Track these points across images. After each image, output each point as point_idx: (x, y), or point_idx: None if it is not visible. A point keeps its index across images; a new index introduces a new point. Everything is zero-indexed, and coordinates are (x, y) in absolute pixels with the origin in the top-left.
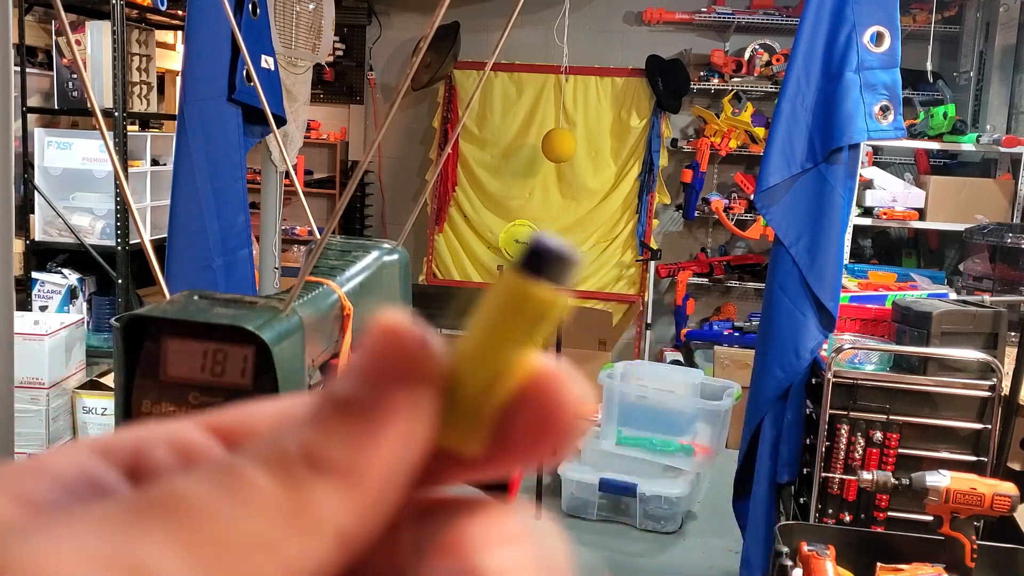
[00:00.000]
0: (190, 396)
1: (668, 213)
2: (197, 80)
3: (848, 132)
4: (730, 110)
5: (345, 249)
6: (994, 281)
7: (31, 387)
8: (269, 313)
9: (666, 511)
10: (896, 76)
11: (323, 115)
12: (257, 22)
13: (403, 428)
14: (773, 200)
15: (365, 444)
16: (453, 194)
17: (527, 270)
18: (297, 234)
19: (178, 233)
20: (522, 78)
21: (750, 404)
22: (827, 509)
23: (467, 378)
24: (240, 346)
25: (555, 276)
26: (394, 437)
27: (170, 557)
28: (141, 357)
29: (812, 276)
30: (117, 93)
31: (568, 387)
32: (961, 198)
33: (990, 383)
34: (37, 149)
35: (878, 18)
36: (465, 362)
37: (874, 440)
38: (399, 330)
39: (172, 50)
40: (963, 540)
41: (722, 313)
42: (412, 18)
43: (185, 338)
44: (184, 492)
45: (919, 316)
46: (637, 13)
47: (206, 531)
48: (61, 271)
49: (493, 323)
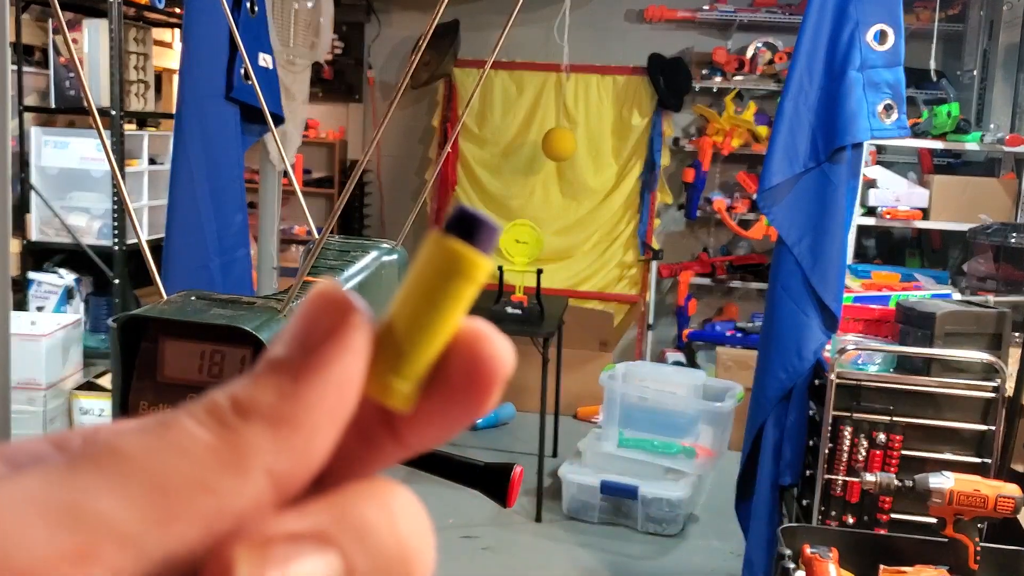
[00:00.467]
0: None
1: (670, 213)
2: (195, 79)
3: (851, 131)
4: (732, 109)
5: (344, 249)
6: (998, 281)
7: (28, 388)
8: (267, 314)
9: (668, 513)
10: (899, 75)
11: (322, 114)
12: (255, 20)
13: (331, 376)
14: (776, 200)
15: (292, 392)
16: (453, 193)
17: (453, 233)
18: (295, 234)
19: (176, 233)
20: (522, 76)
21: (752, 405)
22: (830, 511)
23: (398, 334)
24: (238, 347)
25: (478, 241)
26: (321, 386)
27: (108, 498)
28: (138, 358)
29: (815, 276)
30: (114, 92)
31: (492, 345)
32: (965, 198)
33: (994, 384)
34: (34, 148)
35: (881, 16)
36: (396, 319)
37: (877, 442)
38: (328, 295)
39: (170, 48)
40: (967, 542)
41: (724, 314)
42: (411, 16)
43: (182, 339)
44: (119, 444)
45: (923, 317)
46: (639, 11)
47: (142, 474)
48: (58, 271)
49: (422, 282)
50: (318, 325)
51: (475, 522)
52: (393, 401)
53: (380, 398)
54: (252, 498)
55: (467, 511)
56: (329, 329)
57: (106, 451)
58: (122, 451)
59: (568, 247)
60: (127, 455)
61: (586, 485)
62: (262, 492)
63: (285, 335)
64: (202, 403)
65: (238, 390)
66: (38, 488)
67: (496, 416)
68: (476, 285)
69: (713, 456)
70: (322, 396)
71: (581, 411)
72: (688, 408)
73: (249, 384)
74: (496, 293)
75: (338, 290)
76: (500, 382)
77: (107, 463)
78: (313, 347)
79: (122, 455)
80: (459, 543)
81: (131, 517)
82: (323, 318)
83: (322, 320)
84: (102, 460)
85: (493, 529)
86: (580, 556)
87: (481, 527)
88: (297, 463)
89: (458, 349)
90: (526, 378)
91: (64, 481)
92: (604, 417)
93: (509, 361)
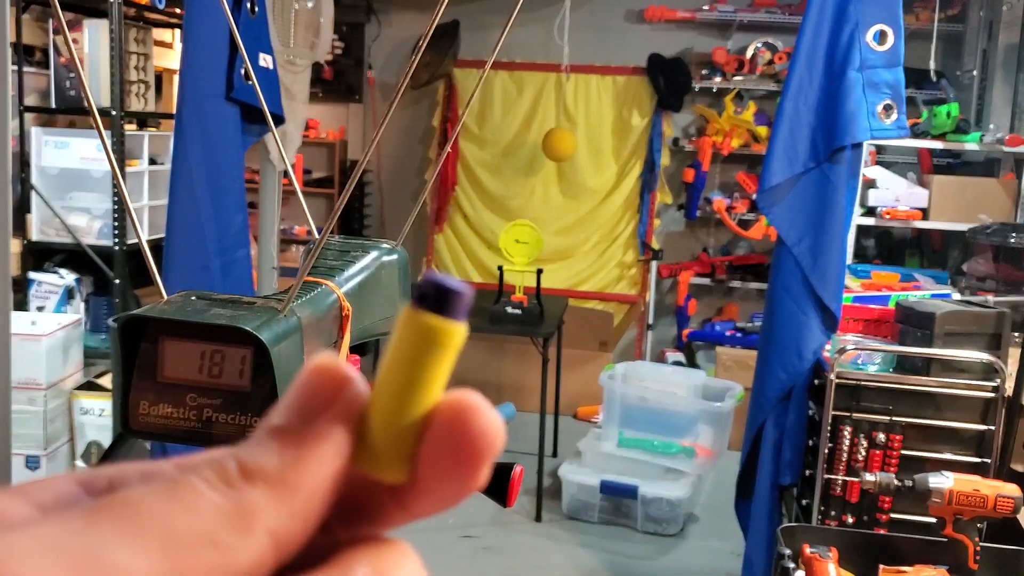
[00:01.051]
0: (188, 397)
1: (670, 213)
2: (195, 79)
3: (851, 131)
4: (732, 109)
5: (344, 249)
6: (997, 281)
7: (28, 388)
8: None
9: (667, 513)
10: (899, 75)
11: (322, 114)
12: (255, 20)
13: (325, 448)
14: (775, 200)
15: (292, 459)
16: (453, 193)
17: (425, 305)
18: (295, 234)
19: (176, 233)
20: (522, 77)
21: (752, 405)
22: (830, 511)
23: (382, 408)
24: (238, 347)
25: (450, 309)
26: (318, 454)
27: (122, 549)
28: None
29: (815, 276)
30: (114, 92)
31: (480, 420)
32: (965, 198)
33: (993, 384)
34: (34, 148)
35: (881, 16)
36: (379, 394)
37: (877, 441)
38: (326, 368)
39: (170, 49)
40: (966, 542)
41: (724, 314)
42: (411, 16)
43: (183, 339)
44: (135, 497)
45: (922, 317)
46: (638, 11)
47: (154, 528)
48: (58, 271)
49: (400, 356)
50: (317, 396)
51: (475, 522)
52: (380, 473)
53: (368, 470)
54: (255, 554)
55: (467, 511)
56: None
57: (124, 503)
58: (138, 505)
59: (568, 247)
60: (142, 509)
61: (586, 485)
62: (264, 550)
63: (285, 403)
64: (212, 466)
65: (244, 454)
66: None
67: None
68: (453, 352)
69: (713, 456)
70: (320, 463)
71: (581, 411)
72: (688, 408)
73: (254, 449)
74: (496, 293)
75: (336, 363)
76: (490, 457)
77: (124, 516)
78: (312, 417)
79: (138, 509)
80: (459, 543)
81: (145, 569)
82: (318, 390)
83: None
84: (119, 512)
85: (493, 529)
86: (580, 556)
87: (481, 527)
88: (296, 524)
89: (447, 424)
90: (526, 378)
91: (83, 530)
92: (604, 417)
93: (499, 435)
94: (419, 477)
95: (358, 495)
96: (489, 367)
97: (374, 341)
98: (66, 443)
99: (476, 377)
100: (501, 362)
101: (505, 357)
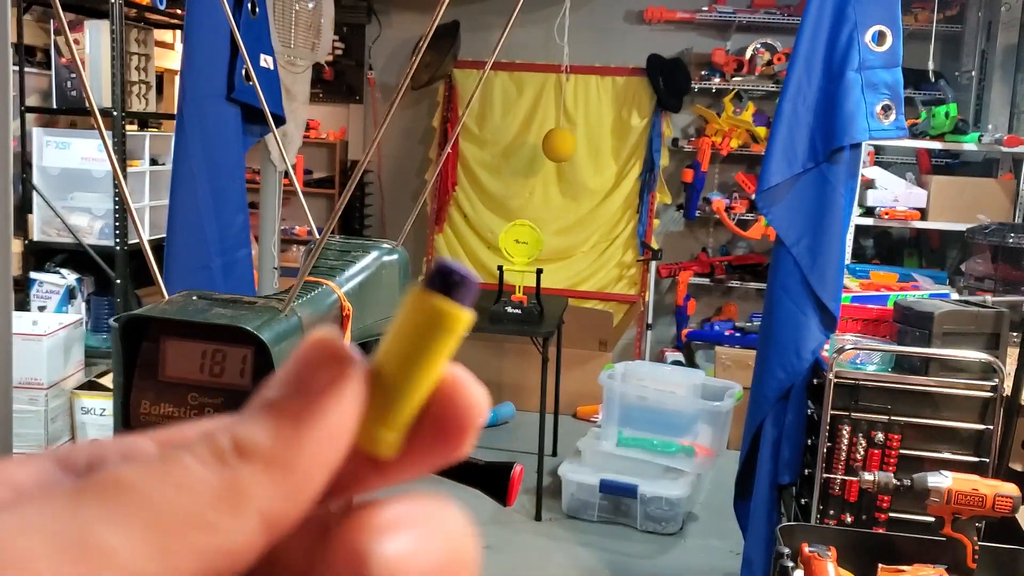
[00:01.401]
0: (189, 396)
1: (669, 213)
2: (196, 79)
3: (850, 131)
4: (731, 109)
5: (344, 249)
6: (996, 281)
7: (29, 387)
8: (268, 313)
9: (667, 512)
10: (898, 75)
11: (322, 114)
12: (256, 21)
13: (326, 425)
14: (774, 200)
15: (290, 437)
16: (453, 194)
17: (434, 289)
18: (296, 234)
19: (177, 233)
20: (522, 77)
21: (751, 405)
22: (828, 510)
23: (384, 387)
24: (239, 346)
25: (458, 295)
26: (317, 432)
27: (112, 531)
28: (140, 357)
29: (813, 276)
30: (116, 92)
31: (468, 394)
32: (963, 198)
33: (992, 384)
34: (35, 149)
35: (880, 17)
36: (382, 372)
37: (875, 441)
38: (326, 343)
39: (171, 49)
40: (965, 541)
41: (723, 313)
42: (412, 17)
43: (184, 338)
44: (123, 476)
45: (921, 316)
46: (638, 12)
47: (143, 508)
48: (59, 271)
49: (406, 336)
50: (317, 373)
51: (475, 521)
52: (380, 450)
53: (368, 448)
54: (247, 538)
55: (467, 510)
56: (328, 379)
57: (111, 483)
58: (127, 484)
59: (568, 247)
60: (131, 488)
61: (585, 484)
62: (256, 532)
63: (282, 377)
64: (204, 441)
65: (238, 430)
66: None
67: (496, 415)
68: (457, 337)
69: (712, 455)
70: (318, 443)
71: (581, 410)
72: (687, 407)
73: (248, 425)
74: (496, 293)
75: (337, 339)
76: (475, 429)
77: (112, 495)
78: (312, 394)
79: (126, 488)
80: None
81: (133, 550)
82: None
83: (321, 368)
84: (107, 492)
85: (493, 528)
86: (579, 555)
87: (481, 526)
88: (289, 506)
89: (437, 397)
90: (526, 377)
91: (70, 512)
92: (603, 416)
93: (484, 409)
94: (406, 448)
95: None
96: (489, 367)
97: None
98: (67, 442)
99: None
100: (501, 362)
101: (505, 357)
